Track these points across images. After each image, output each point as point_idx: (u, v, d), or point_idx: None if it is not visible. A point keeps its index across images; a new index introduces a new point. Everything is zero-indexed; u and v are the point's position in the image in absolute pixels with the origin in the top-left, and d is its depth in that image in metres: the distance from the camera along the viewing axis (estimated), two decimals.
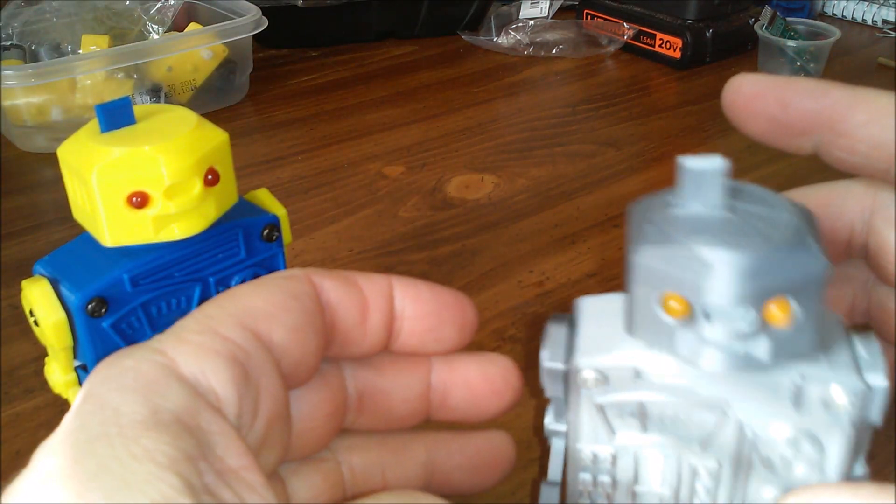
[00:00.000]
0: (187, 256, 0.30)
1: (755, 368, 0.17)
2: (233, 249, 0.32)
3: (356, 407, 0.23)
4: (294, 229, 0.35)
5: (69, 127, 0.54)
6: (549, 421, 0.20)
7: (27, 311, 0.29)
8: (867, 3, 1.02)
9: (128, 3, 0.79)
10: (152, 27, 0.79)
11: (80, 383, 0.31)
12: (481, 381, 0.23)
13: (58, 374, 0.31)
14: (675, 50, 0.88)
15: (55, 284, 0.29)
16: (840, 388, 0.17)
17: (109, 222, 0.28)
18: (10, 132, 0.72)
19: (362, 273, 0.22)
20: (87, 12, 0.79)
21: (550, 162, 0.69)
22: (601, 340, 0.19)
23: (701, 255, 0.16)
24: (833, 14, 1.06)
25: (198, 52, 0.75)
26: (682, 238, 0.17)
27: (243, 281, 0.32)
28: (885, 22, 1.01)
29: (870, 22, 1.02)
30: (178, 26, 0.81)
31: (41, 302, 0.29)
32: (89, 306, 0.28)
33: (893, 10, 1.00)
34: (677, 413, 0.18)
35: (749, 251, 0.16)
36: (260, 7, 0.77)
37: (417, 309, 0.22)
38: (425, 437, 0.24)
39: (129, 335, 0.30)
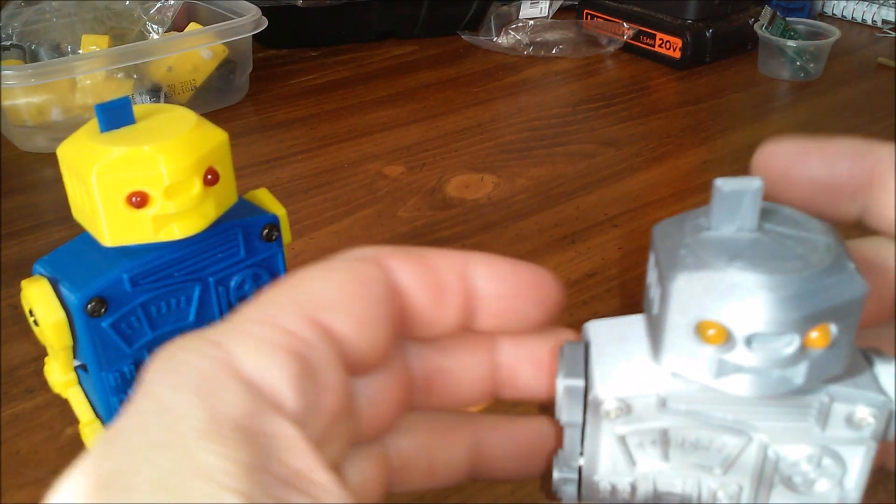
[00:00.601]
0: (187, 256, 0.30)
1: (789, 391, 0.17)
2: (232, 249, 0.32)
3: (423, 388, 0.22)
4: (294, 229, 0.35)
5: (69, 127, 0.54)
6: (557, 476, 0.20)
7: (27, 311, 0.29)
8: (867, 3, 1.02)
9: (128, 3, 0.79)
10: (152, 27, 0.79)
11: (80, 383, 0.31)
12: (553, 358, 0.22)
13: (57, 373, 0.31)
14: (674, 50, 0.88)
15: (55, 284, 0.29)
16: (865, 405, 0.17)
17: (109, 222, 0.28)
18: (10, 132, 0.72)
19: (436, 250, 0.20)
20: (87, 12, 0.79)
21: (550, 162, 0.69)
22: (619, 368, 0.18)
23: (743, 281, 0.16)
24: (833, 14, 1.06)
25: (198, 52, 0.75)
26: (720, 264, 0.16)
27: (243, 281, 0.32)
28: (884, 22, 1.01)
29: (870, 22, 1.02)
30: (178, 26, 0.81)
31: (41, 302, 0.29)
32: (89, 306, 0.28)
33: (893, 10, 1.00)
34: (699, 438, 0.18)
35: (791, 276, 0.16)
36: (260, 7, 0.77)
37: (496, 288, 0.20)
38: (473, 421, 0.23)
39: (129, 335, 0.30)
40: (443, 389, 0.22)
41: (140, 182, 0.27)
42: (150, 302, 0.30)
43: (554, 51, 0.93)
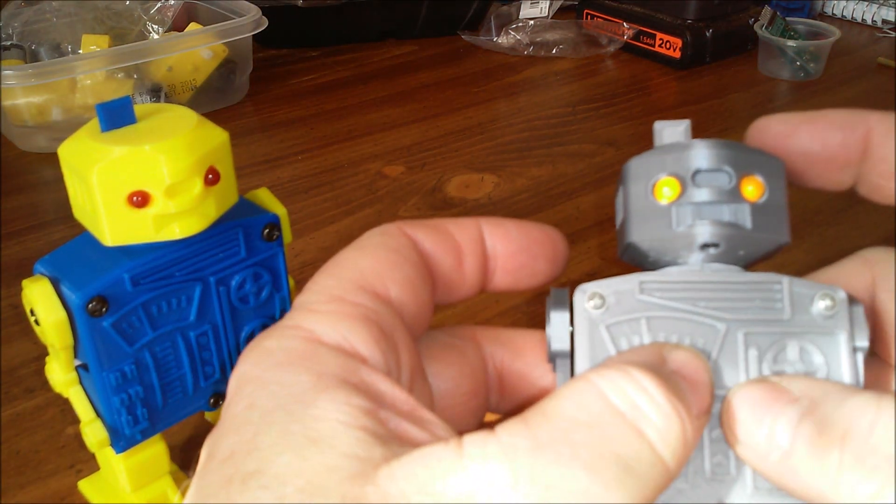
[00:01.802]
0: (188, 256, 0.30)
1: (742, 238, 0.19)
2: (233, 249, 0.32)
3: (497, 388, 0.23)
4: (294, 229, 0.35)
5: (69, 127, 0.54)
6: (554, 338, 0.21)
7: (28, 311, 0.29)
8: (867, 3, 1.02)
9: (128, 3, 0.79)
10: (152, 27, 0.79)
11: (81, 382, 0.32)
12: None
13: (58, 373, 0.31)
14: (675, 50, 0.88)
15: (56, 284, 0.29)
16: (822, 291, 0.19)
17: (110, 221, 0.28)
18: (10, 132, 0.72)
19: (451, 219, 0.22)
20: (87, 12, 0.79)
21: (550, 162, 0.69)
22: (599, 282, 0.21)
23: (682, 142, 0.20)
24: (833, 14, 1.06)
25: (198, 52, 0.75)
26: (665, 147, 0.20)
27: (244, 280, 0.33)
28: (884, 22, 1.01)
29: (870, 22, 1.02)
30: (178, 26, 0.81)
31: (42, 301, 0.29)
32: (90, 305, 0.28)
33: (893, 10, 1.00)
34: (682, 335, 0.19)
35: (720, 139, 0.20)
36: (260, 7, 0.77)
37: (508, 247, 0.22)
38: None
39: (130, 334, 0.30)
40: (517, 392, 0.23)
41: (141, 182, 0.27)
42: (150, 301, 0.30)
43: (554, 51, 0.93)
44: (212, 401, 0.34)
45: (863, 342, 0.19)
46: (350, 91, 0.84)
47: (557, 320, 0.20)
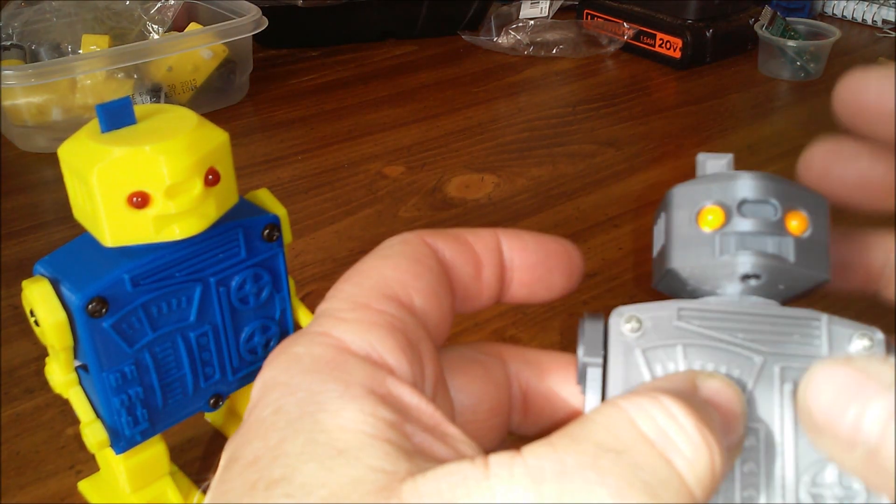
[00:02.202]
0: (188, 256, 0.30)
1: (784, 262, 0.19)
2: (233, 249, 0.32)
3: (521, 408, 0.23)
4: (294, 229, 0.35)
5: (69, 127, 0.54)
6: (582, 354, 0.21)
7: (28, 311, 0.29)
8: (867, 3, 1.02)
9: (128, 3, 0.79)
10: (152, 27, 0.79)
11: (81, 383, 0.31)
12: None
13: (58, 374, 0.31)
14: (675, 50, 0.88)
15: (56, 284, 0.29)
16: (861, 331, 0.19)
17: (110, 222, 0.28)
18: (10, 132, 0.72)
19: (469, 229, 0.22)
20: (87, 12, 0.79)
21: (550, 162, 0.69)
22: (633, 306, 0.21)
23: (728, 172, 0.20)
24: (833, 14, 1.06)
25: (198, 52, 0.75)
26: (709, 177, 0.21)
27: (244, 281, 0.32)
28: (885, 22, 1.01)
29: (870, 22, 1.02)
30: (178, 26, 0.81)
31: (42, 302, 0.29)
32: (90, 306, 0.28)
33: (893, 10, 1.00)
34: (718, 364, 0.19)
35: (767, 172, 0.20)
36: (260, 7, 0.77)
37: (525, 259, 0.22)
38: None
39: (130, 335, 0.30)
40: (541, 413, 0.23)
41: (141, 182, 0.27)
42: (150, 302, 0.30)
43: (554, 51, 0.93)
44: (212, 401, 0.34)
45: None
46: (350, 91, 0.84)
47: (591, 341, 0.20)
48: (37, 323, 0.29)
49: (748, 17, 0.91)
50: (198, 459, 0.40)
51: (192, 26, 0.80)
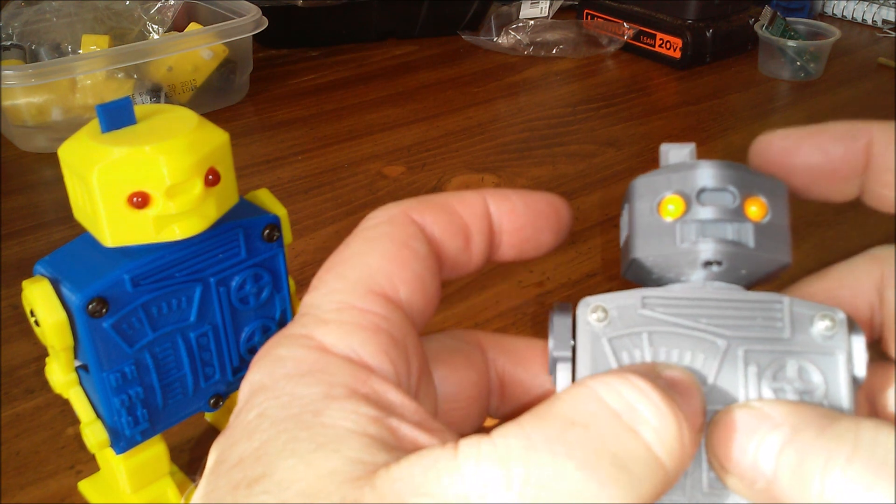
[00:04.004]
0: (188, 256, 0.30)
1: (745, 249, 0.20)
2: (233, 249, 0.32)
3: (498, 393, 0.23)
4: (294, 229, 0.35)
5: (69, 127, 0.54)
6: (553, 347, 0.21)
7: (28, 311, 0.29)
8: (867, 3, 1.02)
9: (128, 3, 0.79)
10: (152, 27, 0.79)
11: (81, 383, 0.31)
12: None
13: (58, 374, 0.31)
14: (675, 50, 0.88)
15: (56, 284, 0.29)
16: (822, 312, 0.20)
17: (110, 222, 0.28)
18: (10, 132, 0.72)
19: (456, 195, 0.21)
20: (87, 12, 0.79)
21: (550, 162, 0.69)
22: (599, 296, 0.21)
23: (688, 161, 0.21)
24: (833, 14, 1.06)
25: (198, 52, 0.75)
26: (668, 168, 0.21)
27: (244, 281, 0.32)
28: (885, 22, 1.01)
29: (870, 22, 1.02)
30: (178, 26, 0.81)
31: (42, 302, 0.29)
32: (90, 306, 0.28)
33: (893, 10, 1.00)
34: (683, 350, 0.20)
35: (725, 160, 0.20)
36: (260, 7, 0.77)
37: (514, 222, 0.22)
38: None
39: (130, 335, 0.30)
40: (517, 399, 0.23)
41: (141, 182, 0.27)
42: (151, 302, 0.30)
43: (554, 51, 0.93)
44: (212, 402, 0.34)
45: (860, 373, 0.19)
46: (350, 91, 0.84)
47: (560, 332, 0.21)
48: (37, 323, 0.29)
49: (748, 17, 0.91)
50: (198, 459, 0.40)
51: (192, 26, 0.80)
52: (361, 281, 0.19)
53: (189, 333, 0.32)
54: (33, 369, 0.46)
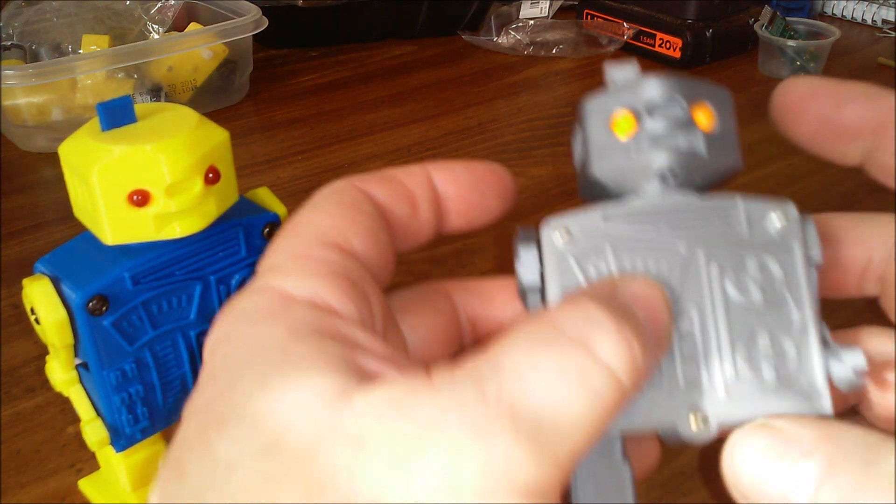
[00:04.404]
0: (188, 255, 0.30)
1: (698, 159, 0.20)
2: (234, 248, 0.32)
3: (471, 336, 0.23)
4: None
5: (69, 127, 0.54)
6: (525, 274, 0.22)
7: (28, 310, 0.29)
8: (867, 3, 1.02)
9: (128, 3, 0.79)
10: (152, 27, 0.79)
11: (81, 381, 0.32)
12: None
13: (59, 372, 0.31)
14: (675, 50, 0.88)
15: (56, 283, 0.29)
16: (775, 207, 0.21)
17: (110, 221, 0.28)
18: (10, 132, 0.72)
19: (399, 168, 0.22)
20: (87, 12, 0.79)
21: (550, 162, 0.69)
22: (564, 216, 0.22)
23: (634, 78, 0.21)
24: (833, 14, 1.06)
25: (198, 52, 0.75)
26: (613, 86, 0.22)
27: (244, 279, 0.33)
28: (885, 22, 1.01)
29: (870, 22, 1.02)
30: (178, 26, 0.81)
31: (42, 300, 0.29)
32: (90, 305, 0.28)
33: (893, 10, 1.00)
34: (646, 259, 0.20)
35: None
36: (260, 7, 0.77)
37: (458, 188, 0.23)
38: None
39: (130, 333, 0.30)
40: (488, 339, 0.23)
41: (141, 181, 0.27)
42: (151, 300, 0.30)
43: (554, 51, 0.93)
44: None
45: (816, 255, 0.21)
46: (350, 91, 0.84)
47: (526, 256, 0.21)
48: (37, 321, 0.29)
49: (748, 16, 0.91)
50: None
51: (192, 26, 0.80)
52: (314, 237, 0.19)
53: (189, 331, 0.32)
54: (34, 368, 0.46)
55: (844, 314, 0.27)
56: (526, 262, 0.21)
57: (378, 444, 0.15)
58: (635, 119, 0.21)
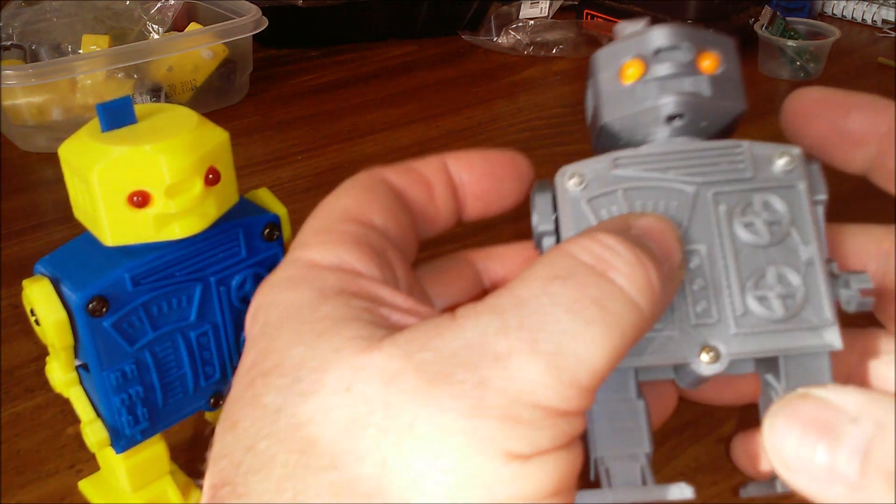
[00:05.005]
0: (188, 256, 0.30)
1: (703, 107, 0.21)
2: (234, 248, 0.32)
3: None
4: (295, 229, 0.35)
5: (70, 127, 0.54)
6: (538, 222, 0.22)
7: (28, 311, 0.29)
8: (867, 3, 1.02)
9: (128, 3, 0.79)
10: (152, 27, 0.79)
11: (81, 382, 0.31)
12: None
13: (59, 373, 0.31)
14: None
15: (56, 284, 0.29)
16: (780, 150, 0.21)
17: (110, 221, 0.28)
18: (10, 132, 0.72)
19: (415, 160, 0.23)
20: (87, 12, 0.79)
21: (550, 162, 0.69)
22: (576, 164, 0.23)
23: (645, 28, 0.22)
24: (833, 14, 1.06)
25: (198, 52, 0.75)
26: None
27: (244, 280, 0.32)
28: (885, 22, 1.01)
29: (870, 22, 1.02)
30: (178, 26, 0.81)
31: (42, 301, 0.29)
32: (90, 305, 0.28)
33: (893, 10, 1.00)
34: (656, 201, 0.21)
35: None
36: (260, 7, 0.77)
37: (473, 174, 0.23)
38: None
39: (130, 334, 0.30)
40: None
41: (141, 181, 0.27)
42: (151, 301, 0.30)
43: (554, 51, 0.93)
44: (212, 401, 0.34)
45: (821, 195, 0.21)
46: (350, 91, 0.84)
47: (542, 203, 0.22)
48: (37, 322, 0.29)
49: (748, 16, 0.91)
50: (198, 459, 0.40)
51: (192, 26, 0.80)
52: (336, 215, 0.20)
53: (189, 332, 0.32)
54: (33, 368, 0.46)
55: (843, 318, 0.27)
56: (541, 209, 0.22)
57: (407, 377, 0.16)
58: (643, 65, 0.21)
